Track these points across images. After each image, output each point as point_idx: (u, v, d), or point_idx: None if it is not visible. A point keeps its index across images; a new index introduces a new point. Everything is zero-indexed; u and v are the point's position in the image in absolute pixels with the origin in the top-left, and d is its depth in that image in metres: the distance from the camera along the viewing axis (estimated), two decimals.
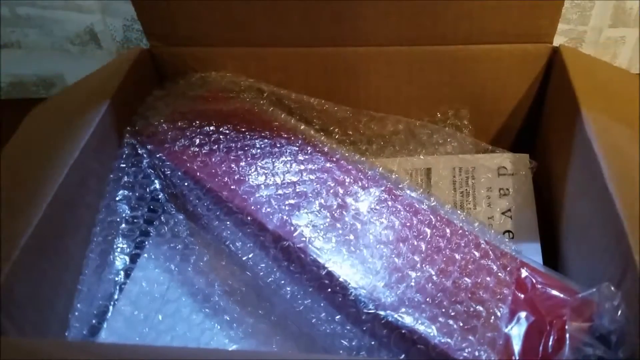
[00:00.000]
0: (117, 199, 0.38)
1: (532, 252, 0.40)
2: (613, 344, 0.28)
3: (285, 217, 0.35)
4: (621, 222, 0.29)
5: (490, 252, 0.33)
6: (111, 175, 0.39)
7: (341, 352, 0.32)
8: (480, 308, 0.30)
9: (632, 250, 0.28)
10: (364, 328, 0.30)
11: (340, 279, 0.32)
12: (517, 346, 0.29)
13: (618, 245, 0.30)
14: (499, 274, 0.32)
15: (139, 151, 0.40)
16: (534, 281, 0.32)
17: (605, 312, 0.28)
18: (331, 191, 0.37)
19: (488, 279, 0.32)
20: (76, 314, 0.33)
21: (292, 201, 0.36)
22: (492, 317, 0.30)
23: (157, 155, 0.39)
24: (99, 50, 0.60)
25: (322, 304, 0.33)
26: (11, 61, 0.64)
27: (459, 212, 0.38)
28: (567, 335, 0.28)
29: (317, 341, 0.33)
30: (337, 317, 0.32)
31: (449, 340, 0.28)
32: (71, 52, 0.43)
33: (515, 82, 0.46)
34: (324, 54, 0.46)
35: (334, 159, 0.39)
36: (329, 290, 0.32)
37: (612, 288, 0.28)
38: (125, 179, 0.38)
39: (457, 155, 0.46)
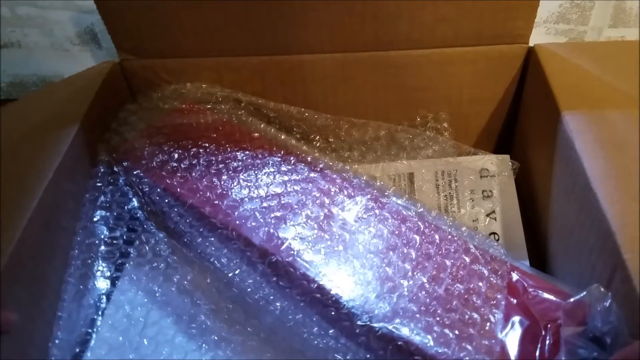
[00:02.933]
0: (94, 219, 0.36)
1: (519, 253, 0.40)
2: (607, 345, 0.28)
3: (271, 230, 0.34)
4: (607, 221, 0.29)
5: (480, 257, 0.33)
6: (87, 195, 0.37)
7: None
8: (474, 315, 0.30)
9: (620, 249, 0.28)
10: (359, 341, 0.30)
11: (332, 292, 0.31)
12: (513, 352, 0.28)
13: (605, 245, 0.30)
14: (491, 279, 0.32)
15: (115, 169, 0.38)
16: (525, 285, 0.32)
17: (598, 314, 0.28)
18: (317, 202, 0.36)
19: (480, 284, 0.31)
20: (56, 342, 0.31)
21: (277, 214, 0.35)
22: (487, 324, 0.29)
23: (134, 172, 0.38)
24: (99, 50, 0.59)
25: (314, 319, 0.32)
26: (11, 61, 0.63)
27: (445, 217, 0.38)
28: (562, 339, 0.28)
29: (310, 357, 0.33)
30: (331, 331, 0.31)
31: (446, 350, 0.28)
32: (71, 52, 0.42)
33: (492, 83, 0.46)
34: (300, 62, 0.45)
35: (318, 169, 0.39)
36: (321, 304, 0.31)
37: (602, 289, 0.28)
38: (102, 198, 0.37)
39: (439, 158, 0.45)
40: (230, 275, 0.35)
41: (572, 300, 0.29)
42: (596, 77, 0.40)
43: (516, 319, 0.30)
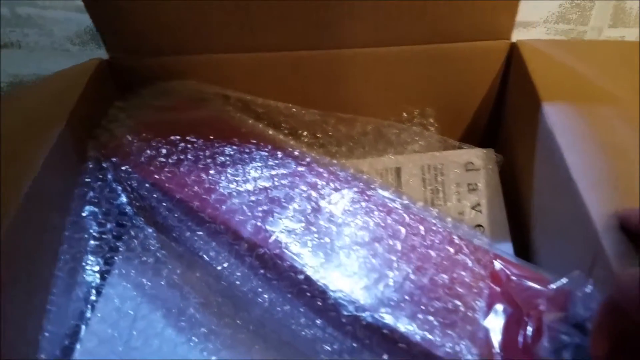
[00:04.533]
0: (83, 215, 0.36)
1: (503, 244, 0.40)
2: (589, 331, 0.28)
3: (259, 223, 0.35)
4: (587, 210, 0.30)
5: (464, 247, 0.34)
6: (76, 191, 0.37)
7: (322, 357, 0.32)
8: (458, 303, 0.30)
9: (599, 236, 0.29)
10: (345, 331, 0.30)
11: (319, 283, 0.31)
12: (497, 338, 0.29)
13: (586, 233, 0.30)
14: (474, 268, 0.32)
15: (104, 165, 0.39)
16: (509, 273, 0.32)
17: (579, 300, 0.29)
18: (304, 195, 0.37)
19: (463, 273, 0.32)
20: (46, 334, 0.32)
21: (265, 207, 0.36)
22: (471, 311, 0.30)
23: (123, 168, 0.38)
24: (99, 50, 0.59)
25: (301, 310, 0.32)
26: (11, 61, 0.64)
27: (431, 209, 0.38)
28: (545, 326, 0.29)
29: (299, 348, 0.33)
30: (318, 321, 0.32)
31: (430, 336, 0.28)
32: (71, 52, 0.43)
33: (476, 79, 0.47)
34: (289, 59, 0.46)
35: (305, 163, 0.39)
36: (308, 295, 0.32)
37: (583, 276, 0.29)
38: (91, 194, 0.37)
39: (426, 153, 0.46)
40: (219, 268, 0.35)
41: (553, 287, 0.29)
42: (577, 73, 0.41)
43: (499, 306, 0.30)
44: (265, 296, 0.34)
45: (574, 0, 0.56)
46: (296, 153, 0.40)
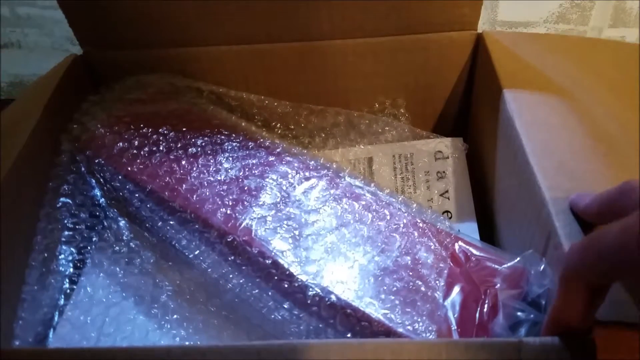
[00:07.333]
0: (57, 206, 0.37)
1: (470, 229, 0.42)
2: (543, 307, 0.29)
3: (229, 212, 0.35)
4: (542, 192, 0.31)
5: (428, 230, 0.35)
6: (50, 184, 0.38)
7: (291, 338, 0.33)
8: (419, 283, 0.31)
9: (552, 217, 0.30)
10: (311, 311, 0.31)
11: (285, 266, 0.32)
12: (454, 316, 0.30)
13: (540, 215, 0.32)
14: (436, 250, 0.34)
15: (77, 157, 0.39)
16: (468, 254, 0.33)
17: (533, 278, 0.30)
18: (274, 184, 0.38)
19: (425, 255, 0.33)
20: (20, 322, 0.32)
21: (235, 196, 0.37)
22: (431, 291, 0.31)
23: (96, 161, 0.39)
24: None
25: (269, 293, 0.33)
26: (11, 61, 0.64)
27: (397, 195, 0.39)
28: (500, 303, 0.30)
29: (268, 331, 0.34)
30: (286, 304, 0.33)
31: (390, 315, 0.30)
32: (71, 52, 0.44)
33: (445, 69, 0.48)
34: (260, 51, 0.46)
35: (276, 153, 0.40)
36: (276, 278, 0.33)
37: (536, 254, 0.30)
38: (65, 186, 0.38)
39: (396, 142, 0.47)
40: (190, 256, 0.36)
41: (507, 265, 0.31)
42: (537, 65, 0.42)
43: (458, 285, 0.32)
44: (235, 281, 0.34)
45: (574, 0, 0.57)
46: (267, 143, 0.41)
